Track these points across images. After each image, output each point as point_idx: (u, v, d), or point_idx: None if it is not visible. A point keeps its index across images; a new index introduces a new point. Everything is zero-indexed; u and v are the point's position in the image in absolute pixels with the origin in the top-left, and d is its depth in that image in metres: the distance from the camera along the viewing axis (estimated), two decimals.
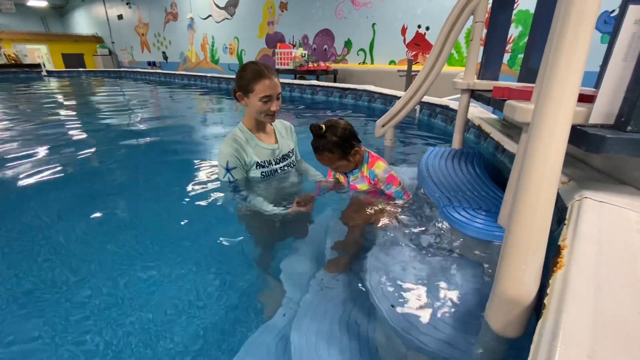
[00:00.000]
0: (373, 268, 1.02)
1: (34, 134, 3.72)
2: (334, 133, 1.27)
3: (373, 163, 1.35)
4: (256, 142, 1.41)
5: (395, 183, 1.34)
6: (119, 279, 1.39)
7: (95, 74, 13.87)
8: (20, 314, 1.22)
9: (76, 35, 17.85)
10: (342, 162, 1.33)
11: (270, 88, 1.29)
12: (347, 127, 1.30)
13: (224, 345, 1.12)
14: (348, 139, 1.29)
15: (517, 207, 0.62)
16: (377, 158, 1.37)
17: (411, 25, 6.70)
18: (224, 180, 1.36)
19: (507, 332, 0.62)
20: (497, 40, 1.98)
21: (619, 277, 0.55)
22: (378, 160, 1.35)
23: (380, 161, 1.35)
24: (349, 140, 1.29)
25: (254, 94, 1.29)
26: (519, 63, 5.45)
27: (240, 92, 1.33)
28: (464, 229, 1.04)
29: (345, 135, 1.28)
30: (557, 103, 0.58)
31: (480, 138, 2.37)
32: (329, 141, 1.27)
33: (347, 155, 1.31)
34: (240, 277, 1.44)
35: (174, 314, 1.23)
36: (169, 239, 1.67)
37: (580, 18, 0.56)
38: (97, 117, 4.87)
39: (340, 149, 1.29)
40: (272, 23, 9.75)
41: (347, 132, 1.29)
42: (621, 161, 0.94)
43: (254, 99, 1.30)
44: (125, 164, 2.85)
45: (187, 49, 13.11)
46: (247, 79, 1.29)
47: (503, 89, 1.24)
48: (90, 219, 1.86)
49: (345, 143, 1.29)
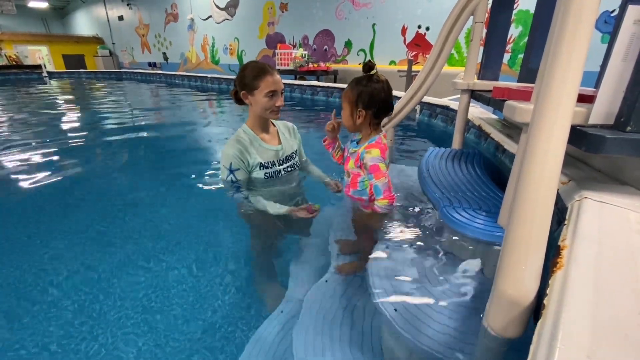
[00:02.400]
0: (375, 270, 1.02)
1: (35, 136, 3.72)
2: (362, 85, 1.19)
3: (371, 147, 1.25)
4: (260, 143, 1.41)
5: (377, 176, 1.22)
6: (120, 280, 1.39)
7: (96, 75, 13.89)
8: (22, 317, 1.22)
9: (77, 37, 17.88)
10: (346, 112, 1.25)
11: (274, 83, 1.30)
12: (377, 92, 1.19)
13: (225, 344, 1.12)
14: (367, 100, 1.19)
15: (517, 207, 0.62)
16: (379, 146, 1.25)
17: (411, 25, 6.70)
18: (227, 181, 1.36)
19: (507, 333, 0.62)
20: (497, 40, 1.98)
21: (619, 277, 0.55)
22: (377, 148, 1.24)
23: (379, 149, 1.24)
24: (367, 101, 1.19)
25: (259, 90, 1.30)
26: (519, 63, 5.44)
27: (245, 91, 1.33)
28: (464, 230, 1.04)
29: (368, 95, 1.19)
30: (556, 103, 0.58)
31: (481, 138, 2.37)
32: (354, 85, 1.20)
33: (353, 109, 1.22)
34: (242, 276, 1.45)
35: (177, 313, 1.23)
36: (170, 240, 1.67)
37: (580, 18, 0.56)
38: (98, 119, 4.88)
39: (353, 101, 1.21)
40: (272, 24, 9.76)
41: (372, 95, 1.19)
42: (621, 161, 0.94)
43: (259, 95, 1.31)
44: (126, 166, 2.85)
45: (187, 49, 13.13)
46: (250, 76, 1.30)
47: (503, 89, 1.24)
48: (91, 222, 1.86)
49: (360, 99, 1.20)
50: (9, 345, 1.10)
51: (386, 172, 1.24)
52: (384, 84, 1.20)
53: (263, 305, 1.29)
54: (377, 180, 1.23)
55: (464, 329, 0.79)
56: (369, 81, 1.19)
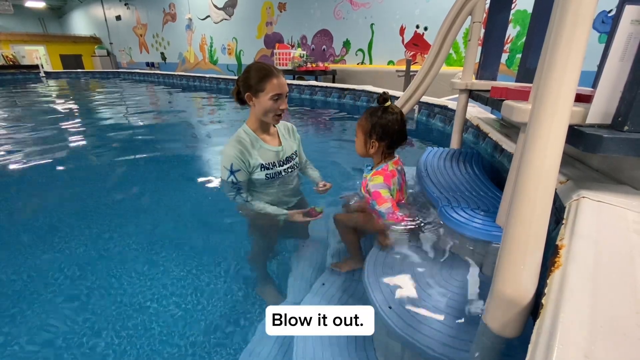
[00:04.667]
0: (371, 269, 1.02)
1: (30, 136, 3.71)
2: (377, 116, 1.20)
3: (377, 174, 1.27)
4: (261, 144, 1.40)
5: (379, 202, 1.23)
6: (121, 280, 1.39)
7: (94, 75, 13.85)
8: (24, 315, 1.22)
9: (74, 36, 17.81)
10: (360, 141, 1.27)
11: (280, 86, 1.29)
12: (391, 125, 1.21)
13: (226, 345, 1.12)
14: (381, 132, 1.21)
15: (515, 207, 0.62)
16: (383, 173, 1.26)
17: (409, 25, 6.71)
18: (227, 182, 1.35)
19: (505, 332, 0.62)
20: (495, 40, 1.98)
21: (617, 276, 0.55)
22: (380, 175, 1.26)
23: (382, 177, 1.25)
24: (380, 133, 1.21)
25: (265, 93, 1.28)
26: (517, 63, 5.45)
27: (249, 93, 1.31)
28: (462, 229, 1.04)
29: (382, 127, 1.20)
30: (554, 103, 0.58)
31: (479, 138, 2.38)
32: (369, 116, 1.22)
33: (366, 140, 1.24)
34: (241, 277, 1.45)
35: (177, 314, 1.23)
36: (171, 241, 1.67)
37: (577, 18, 0.56)
38: (96, 119, 4.86)
39: (367, 132, 1.23)
40: (270, 23, 9.75)
41: (386, 127, 1.21)
42: (619, 161, 0.95)
43: (264, 98, 1.29)
44: (124, 167, 2.84)
45: (185, 49, 13.10)
46: (256, 78, 1.28)
47: (501, 89, 1.24)
48: (90, 222, 1.85)
49: (374, 131, 1.22)
50: (7, 342, 1.10)
51: (389, 198, 1.23)
52: (397, 115, 1.21)
53: (263, 307, 1.29)
54: (380, 207, 1.24)
55: (462, 327, 0.80)
56: (384, 113, 1.20)
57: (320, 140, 3.48)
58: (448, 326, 0.80)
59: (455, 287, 0.93)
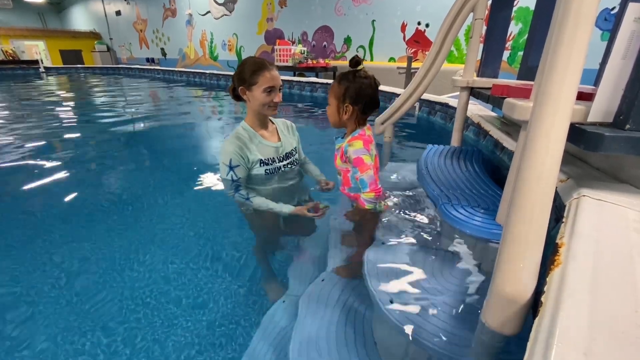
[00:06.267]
0: (372, 265, 1.03)
1: (30, 132, 3.70)
2: (349, 80, 1.17)
3: (354, 139, 1.23)
4: (259, 139, 1.41)
5: (361, 169, 1.19)
6: (121, 279, 1.39)
7: (94, 70, 13.80)
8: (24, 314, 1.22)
9: (74, 32, 17.72)
10: (332, 107, 1.24)
11: (273, 79, 1.30)
12: (364, 88, 1.17)
13: (229, 340, 1.13)
14: (354, 95, 1.18)
15: (515, 205, 0.62)
16: (362, 138, 1.23)
17: (411, 22, 6.67)
18: (227, 178, 1.35)
19: (504, 330, 0.62)
20: (497, 37, 1.97)
21: (616, 275, 0.55)
22: (359, 140, 1.22)
23: (361, 141, 1.22)
24: (354, 96, 1.18)
25: (257, 85, 1.30)
26: (519, 60, 5.43)
27: (243, 87, 1.32)
28: (463, 227, 1.04)
29: (355, 90, 1.17)
30: (555, 101, 0.58)
31: (480, 136, 2.37)
32: (341, 80, 1.19)
33: (339, 105, 1.21)
34: (242, 274, 1.45)
35: (179, 310, 1.23)
36: (171, 238, 1.67)
37: (579, 15, 0.55)
38: (96, 115, 4.85)
39: (340, 96, 1.20)
40: (271, 19, 9.70)
41: (359, 90, 1.17)
42: (620, 159, 0.94)
43: (257, 91, 1.30)
44: (124, 163, 2.84)
45: (185, 45, 13.04)
46: (248, 72, 1.30)
47: (502, 86, 1.23)
48: (91, 218, 1.85)
49: (348, 94, 1.18)
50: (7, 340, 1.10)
51: (371, 165, 1.21)
52: (371, 80, 1.19)
53: (265, 303, 1.29)
54: (362, 174, 1.19)
55: (461, 324, 0.80)
56: (355, 76, 1.18)
57: (320, 137, 3.47)
58: (447, 323, 0.80)
59: (455, 284, 0.93)
